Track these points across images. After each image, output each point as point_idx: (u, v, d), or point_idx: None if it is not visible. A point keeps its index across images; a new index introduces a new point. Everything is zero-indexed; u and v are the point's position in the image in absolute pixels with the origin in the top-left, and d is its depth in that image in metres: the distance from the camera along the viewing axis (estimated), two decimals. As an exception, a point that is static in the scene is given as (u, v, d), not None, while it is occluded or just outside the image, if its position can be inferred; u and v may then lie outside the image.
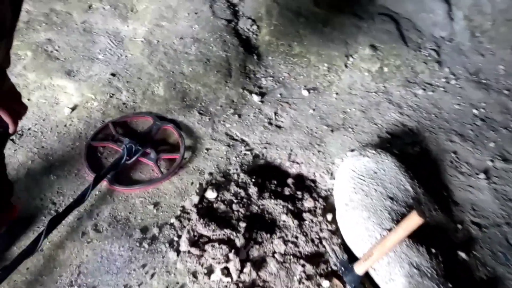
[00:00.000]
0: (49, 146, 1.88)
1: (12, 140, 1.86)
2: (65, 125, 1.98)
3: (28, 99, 2.06)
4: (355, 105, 2.30)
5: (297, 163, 1.98)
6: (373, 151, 1.82)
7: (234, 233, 1.58)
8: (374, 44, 2.59)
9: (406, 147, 2.07)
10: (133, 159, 1.82)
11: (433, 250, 1.49)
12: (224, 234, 1.58)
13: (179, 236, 1.60)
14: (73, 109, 2.04)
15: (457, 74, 2.62)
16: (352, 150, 1.97)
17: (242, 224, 1.62)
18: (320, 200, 1.79)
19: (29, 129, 1.93)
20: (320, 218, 1.71)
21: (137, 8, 2.73)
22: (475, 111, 2.35)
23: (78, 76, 2.19)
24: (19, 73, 2.15)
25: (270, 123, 2.13)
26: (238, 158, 1.93)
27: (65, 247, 1.54)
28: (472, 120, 2.30)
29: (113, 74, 2.22)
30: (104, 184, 1.75)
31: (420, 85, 2.49)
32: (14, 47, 2.27)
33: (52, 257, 1.51)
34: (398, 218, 1.55)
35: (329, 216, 1.73)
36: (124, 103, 2.11)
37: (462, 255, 1.59)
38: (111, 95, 2.12)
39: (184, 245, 1.55)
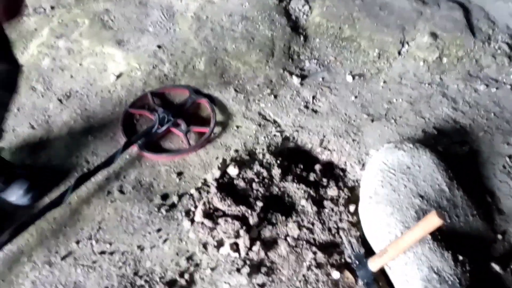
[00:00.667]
0: (92, 109, 1.99)
1: (60, 100, 2.00)
2: (109, 91, 2.08)
3: (80, 64, 2.19)
4: (403, 96, 2.13)
5: (329, 150, 1.90)
6: (411, 145, 1.68)
7: (249, 211, 1.56)
8: (435, 32, 2.37)
9: (454, 146, 1.88)
10: (164, 128, 1.86)
11: (461, 258, 1.34)
12: (239, 211, 1.56)
13: (196, 207, 1.62)
14: (118, 76, 2.14)
15: (531, 72, 2.31)
16: (390, 143, 1.84)
17: (259, 204, 1.59)
18: (346, 190, 1.70)
19: (76, 91, 2.06)
20: (342, 208, 1.63)
21: (192, -16, 2.76)
22: (545, 114, 2.06)
23: (127, 46, 2.28)
24: (75, 39, 2.29)
25: (307, 107, 2.06)
26: (267, 139, 1.89)
27: (90, 203, 1.64)
28: (540, 123, 2.02)
29: (159, 46, 2.28)
30: (134, 149, 1.82)
31: (483, 80, 2.24)
32: (74, 14, 2.44)
33: (77, 210, 1.61)
34: (425, 218, 1.41)
35: (352, 208, 1.63)
36: (165, 75, 2.16)
37: (497, 268, 1.42)
38: (155, 66, 2.19)
39: (198, 216, 1.56)
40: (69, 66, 2.17)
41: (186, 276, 1.44)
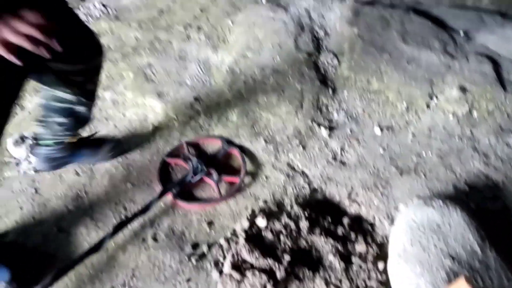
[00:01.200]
0: (132, 158, 2.13)
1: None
2: (148, 140, 2.22)
3: (123, 114, 2.37)
4: (432, 149, 2.14)
5: (357, 203, 1.91)
6: (440, 202, 1.67)
7: (276, 264, 1.58)
8: (464, 86, 2.39)
9: (485, 202, 1.85)
10: (197, 178, 1.96)
11: (494, 326, 1.30)
12: (266, 264, 1.59)
13: (225, 258, 1.66)
14: (157, 126, 2.29)
15: None
16: (419, 198, 1.84)
17: (286, 257, 1.62)
18: (374, 246, 1.70)
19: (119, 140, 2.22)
20: (370, 266, 1.62)
21: (228, 39, 2.96)
22: None
23: (166, 98, 2.45)
24: (121, 91, 2.49)
25: (335, 158, 2.10)
26: (295, 190, 1.94)
27: (126, 249, 1.72)
28: None
29: (196, 99, 2.44)
30: (169, 197, 1.91)
31: (517, 135, 2.22)
32: (120, 68, 2.66)
33: (113, 257, 1.70)
34: (456, 281, 1.39)
35: (381, 265, 1.62)
36: (200, 126, 2.29)
37: None
38: (191, 117, 2.33)
39: (227, 267, 1.60)
40: (113, 116, 2.36)
41: (213, 328, 1.47)
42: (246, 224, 1.76)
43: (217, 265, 1.65)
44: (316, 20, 3.09)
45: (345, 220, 1.82)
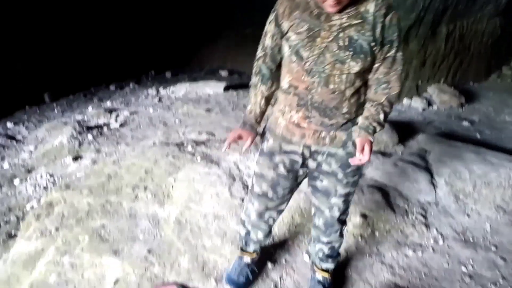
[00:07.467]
0: (92, 316, 2.29)
1: (65, 311, 2.31)
2: (107, 297, 2.42)
3: (82, 276, 2.58)
4: (351, 268, 2.64)
5: (300, 324, 2.25)
6: (361, 311, 2.10)
7: None
8: (364, 213, 3.08)
9: (397, 306, 2.32)
10: (158, 325, 2.18)
11: None
12: None
13: None
14: (115, 283, 2.52)
15: (445, 235, 2.98)
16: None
17: None
18: None
19: (79, 301, 2.39)
20: None
21: (172, 194, 3.47)
22: (463, 268, 2.63)
23: (122, 254, 2.74)
24: (78, 254, 2.73)
25: (276, 287, 2.49)
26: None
27: None
28: (461, 277, 2.55)
29: (149, 251, 2.76)
30: None
31: (410, 247, 2.84)
32: (76, 233, 2.94)
33: None
34: None
35: None
36: (155, 275, 2.58)
37: None
38: (146, 268, 2.62)
39: None
40: (73, 279, 2.55)
41: None
42: None
43: None
44: (244, 171, 3.80)
45: None
